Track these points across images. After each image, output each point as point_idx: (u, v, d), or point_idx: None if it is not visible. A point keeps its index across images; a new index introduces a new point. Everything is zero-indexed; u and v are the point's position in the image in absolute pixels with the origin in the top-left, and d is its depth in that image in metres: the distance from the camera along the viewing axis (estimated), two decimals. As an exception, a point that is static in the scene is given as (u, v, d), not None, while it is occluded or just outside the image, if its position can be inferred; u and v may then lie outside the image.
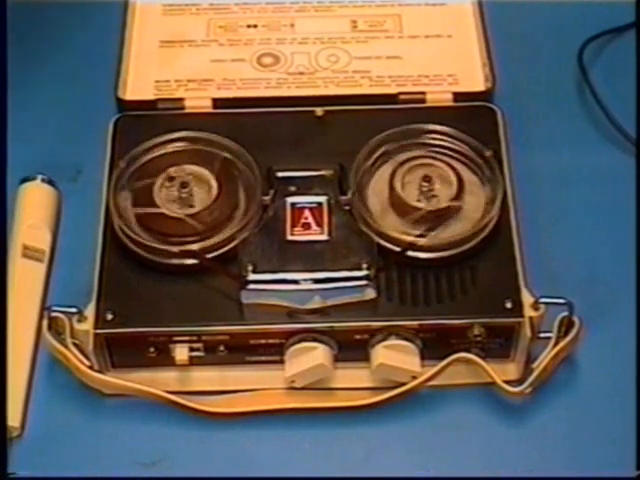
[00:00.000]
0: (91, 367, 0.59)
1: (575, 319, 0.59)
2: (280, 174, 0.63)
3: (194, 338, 0.59)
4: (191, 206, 0.62)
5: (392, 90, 0.69)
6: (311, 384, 0.60)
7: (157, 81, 0.70)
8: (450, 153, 0.64)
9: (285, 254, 0.60)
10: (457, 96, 0.68)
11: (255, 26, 0.74)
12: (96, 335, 0.58)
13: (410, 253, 0.60)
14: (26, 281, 0.64)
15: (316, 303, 0.58)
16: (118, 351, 0.60)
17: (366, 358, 0.59)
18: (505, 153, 0.64)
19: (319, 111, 0.67)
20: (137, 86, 0.70)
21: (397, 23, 0.74)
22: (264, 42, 0.73)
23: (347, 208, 0.62)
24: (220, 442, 0.59)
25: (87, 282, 0.60)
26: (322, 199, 0.62)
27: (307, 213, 0.61)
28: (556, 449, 0.59)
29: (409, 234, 0.60)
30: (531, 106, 0.72)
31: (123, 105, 0.68)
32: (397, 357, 0.59)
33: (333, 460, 0.59)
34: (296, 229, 0.61)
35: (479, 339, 0.59)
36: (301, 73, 0.71)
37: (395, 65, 0.71)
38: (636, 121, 0.71)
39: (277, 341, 0.59)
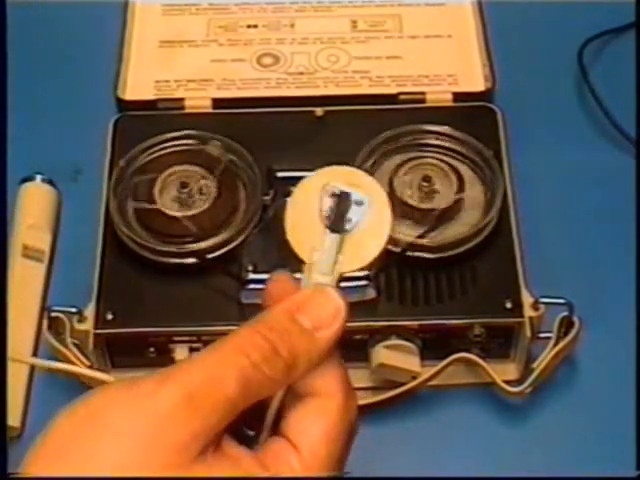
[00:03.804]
0: (91, 367, 0.59)
1: (575, 319, 0.59)
2: (280, 174, 0.63)
3: (194, 338, 0.59)
4: (191, 206, 0.62)
5: (392, 90, 0.69)
6: (311, 384, 0.60)
7: (157, 81, 0.70)
8: (450, 153, 0.64)
9: (285, 254, 0.60)
10: (457, 96, 0.68)
11: (255, 26, 0.74)
12: (96, 335, 0.58)
13: (410, 253, 0.60)
14: (26, 281, 0.64)
15: (316, 303, 0.58)
16: (118, 351, 0.60)
17: (366, 358, 0.59)
18: (505, 153, 0.64)
19: (319, 111, 0.67)
20: (137, 86, 0.70)
21: (397, 23, 0.74)
22: (264, 42, 0.73)
23: (347, 208, 0.62)
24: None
25: (87, 282, 0.60)
26: (322, 199, 0.62)
27: (307, 213, 0.61)
28: (556, 449, 0.59)
29: (409, 234, 0.60)
30: (531, 106, 0.72)
31: (123, 105, 0.68)
32: (397, 357, 0.59)
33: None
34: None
35: (479, 339, 0.59)
36: (301, 73, 0.71)
37: (395, 65, 0.71)
38: (636, 121, 0.71)
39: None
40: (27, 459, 0.37)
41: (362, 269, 0.43)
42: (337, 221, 0.42)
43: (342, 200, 0.43)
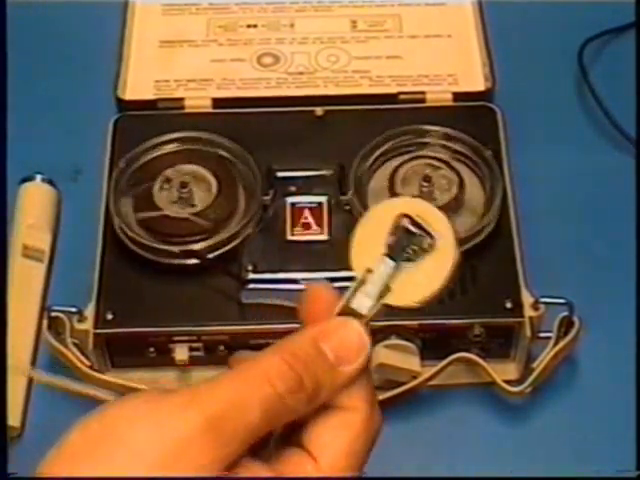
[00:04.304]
0: (91, 367, 0.59)
1: (575, 319, 0.59)
2: (280, 174, 0.63)
3: (194, 338, 0.59)
4: (191, 206, 0.62)
5: (392, 90, 0.69)
6: (311, 384, 0.59)
7: (157, 81, 0.70)
8: (450, 153, 0.64)
9: (285, 254, 0.60)
10: (457, 96, 0.68)
11: (255, 26, 0.74)
12: (96, 335, 0.58)
13: (410, 253, 0.60)
14: (26, 281, 0.64)
15: (316, 303, 0.58)
16: (118, 351, 0.60)
17: (366, 358, 0.59)
18: (505, 153, 0.64)
19: (319, 111, 0.67)
20: (137, 86, 0.70)
21: (397, 23, 0.74)
22: (264, 42, 0.73)
23: (347, 208, 0.62)
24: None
25: (87, 282, 0.60)
26: (322, 199, 0.62)
27: (307, 213, 0.62)
28: (556, 449, 0.59)
29: (409, 234, 0.60)
30: (531, 106, 0.72)
31: (123, 105, 0.68)
32: (397, 357, 0.59)
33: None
34: (296, 229, 0.61)
35: (479, 339, 0.59)
36: (301, 73, 0.71)
37: (395, 65, 0.71)
38: (636, 121, 0.71)
39: (277, 341, 0.59)
40: (40, 470, 0.36)
41: (408, 307, 0.42)
42: (398, 253, 0.42)
43: (410, 235, 0.42)
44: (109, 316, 0.59)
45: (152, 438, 0.35)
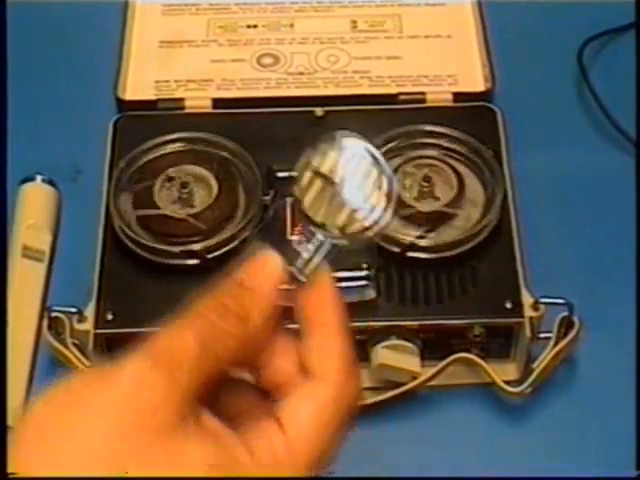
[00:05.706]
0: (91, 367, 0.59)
1: (575, 319, 0.59)
2: (280, 174, 0.63)
3: (194, 338, 0.59)
4: (191, 206, 0.62)
5: (392, 90, 0.69)
6: (311, 384, 0.59)
7: (157, 81, 0.70)
8: (450, 153, 0.64)
9: (285, 254, 0.60)
10: (457, 96, 0.68)
11: (255, 26, 0.74)
12: (96, 335, 0.58)
13: (410, 253, 0.60)
14: (26, 281, 0.64)
15: (316, 303, 0.58)
16: (118, 351, 0.60)
17: (366, 358, 0.59)
18: (505, 153, 0.64)
19: (319, 111, 0.67)
20: (137, 86, 0.70)
21: (397, 23, 0.74)
22: (264, 42, 0.73)
23: (347, 208, 0.62)
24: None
25: (87, 282, 0.60)
26: (322, 199, 0.62)
27: (307, 213, 0.61)
28: (556, 449, 0.59)
29: (409, 235, 0.60)
30: (531, 106, 0.72)
31: (123, 105, 0.69)
32: (397, 357, 0.59)
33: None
34: (296, 229, 0.61)
35: (479, 339, 0.59)
36: (301, 73, 0.71)
37: (395, 65, 0.71)
38: (636, 121, 0.71)
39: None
40: (10, 445, 0.37)
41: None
42: None
43: None
44: (109, 316, 0.59)
45: (106, 393, 0.37)
